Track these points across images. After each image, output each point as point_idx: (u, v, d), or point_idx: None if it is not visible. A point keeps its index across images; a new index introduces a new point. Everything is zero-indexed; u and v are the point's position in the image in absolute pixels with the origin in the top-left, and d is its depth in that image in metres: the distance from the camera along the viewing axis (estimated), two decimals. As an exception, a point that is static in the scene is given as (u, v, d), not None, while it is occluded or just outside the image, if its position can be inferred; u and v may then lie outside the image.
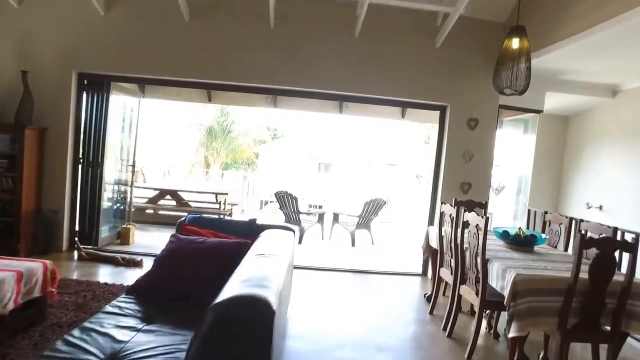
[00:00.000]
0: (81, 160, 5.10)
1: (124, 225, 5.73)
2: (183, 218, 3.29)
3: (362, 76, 5.09)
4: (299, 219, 6.97)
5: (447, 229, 3.78)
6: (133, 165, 5.98)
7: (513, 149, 6.54)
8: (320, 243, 7.25)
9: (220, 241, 2.76)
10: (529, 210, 5.93)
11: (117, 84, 5.29)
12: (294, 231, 3.40)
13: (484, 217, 3.06)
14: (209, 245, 2.69)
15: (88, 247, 5.08)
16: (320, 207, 10.35)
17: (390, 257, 6.63)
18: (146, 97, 6.34)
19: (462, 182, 5.28)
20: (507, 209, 6.55)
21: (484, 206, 4.72)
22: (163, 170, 14.36)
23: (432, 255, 4.47)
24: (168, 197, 7.44)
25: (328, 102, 6.12)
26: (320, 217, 7.32)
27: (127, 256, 4.78)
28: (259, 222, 3.35)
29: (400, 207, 12.91)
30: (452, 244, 3.59)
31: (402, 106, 6.10)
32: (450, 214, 3.70)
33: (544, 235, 3.66)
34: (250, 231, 3.10)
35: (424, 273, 5.48)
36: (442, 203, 4.32)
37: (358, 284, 5.05)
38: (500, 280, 2.78)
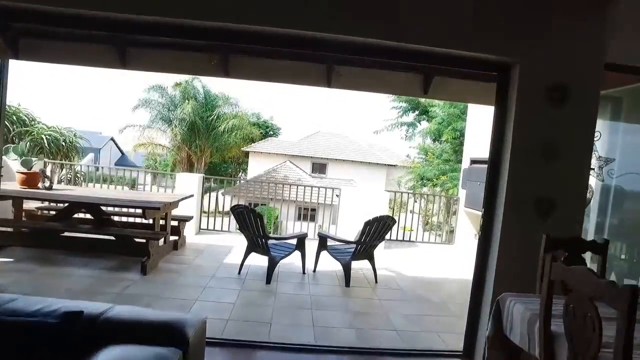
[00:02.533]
0: None
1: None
2: None
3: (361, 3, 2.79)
4: (266, 245, 4.66)
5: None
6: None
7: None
8: (298, 282, 4.94)
9: None
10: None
11: None
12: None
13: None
14: None
15: None
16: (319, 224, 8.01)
17: (410, 310, 4.33)
18: (22, 59, 4.01)
19: (538, 197, 2.98)
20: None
21: (600, 249, 2.44)
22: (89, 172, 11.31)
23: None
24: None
25: (308, 66, 3.85)
26: (301, 243, 5.00)
27: None
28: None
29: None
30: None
31: (427, 63, 3.68)
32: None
33: None
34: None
35: (468, 356, 3.19)
36: (549, 242, 2.04)
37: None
38: None
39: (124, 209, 5.78)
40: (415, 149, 17.91)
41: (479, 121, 7.84)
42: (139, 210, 5.12)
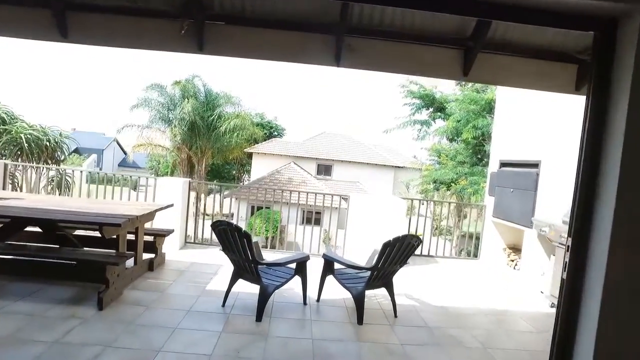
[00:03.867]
0: None
1: None
2: None
3: None
4: (256, 272, 3.63)
5: None
6: None
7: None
8: (298, 319, 3.91)
9: None
10: None
11: None
12: None
13: None
14: None
15: None
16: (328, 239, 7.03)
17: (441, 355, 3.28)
18: None
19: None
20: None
21: None
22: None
23: None
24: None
25: (309, 38, 2.83)
26: (301, 267, 3.97)
27: None
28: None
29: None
30: None
31: (480, 15, 2.61)
32: None
33: None
34: None
35: None
36: None
37: None
38: None
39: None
40: (427, 150, 16.87)
41: (510, 117, 6.76)
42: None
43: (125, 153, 46.78)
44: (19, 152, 9.87)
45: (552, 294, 4.73)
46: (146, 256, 4.79)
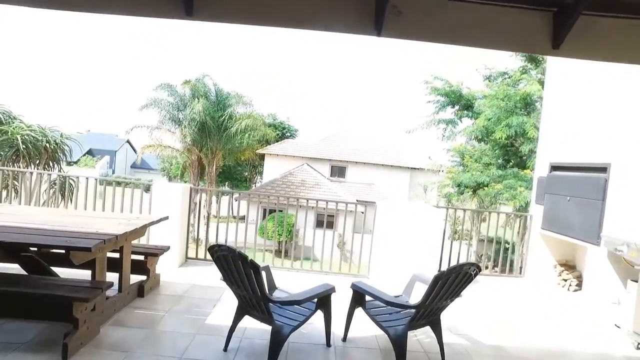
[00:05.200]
0: None
1: None
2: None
3: None
4: (267, 310, 2.78)
5: None
6: None
7: None
8: (321, 363, 3.05)
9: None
10: None
11: None
12: None
13: None
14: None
15: None
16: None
17: None
18: None
19: None
20: None
21: None
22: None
23: None
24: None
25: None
26: (324, 302, 3.11)
27: None
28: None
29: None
30: None
31: None
32: None
33: None
34: None
35: None
36: None
37: None
38: None
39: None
40: (449, 150, 15.88)
41: (565, 112, 5.79)
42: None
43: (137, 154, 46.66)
44: (15, 155, 9.24)
45: (636, 331, 3.79)
46: (136, 278, 3.99)
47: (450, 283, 2.86)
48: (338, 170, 28.33)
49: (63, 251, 2.94)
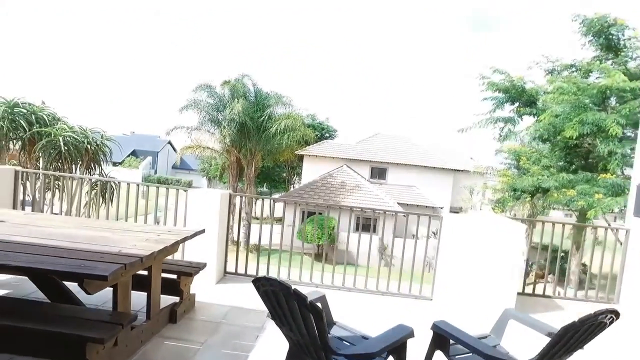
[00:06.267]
0: None
1: None
2: None
3: None
4: (329, 362, 2.11)
5: None
6: None
7: None
8: None
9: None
10: None
11: None
12: None
13: None
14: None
15: None
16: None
17: None
18: None
19: None
20: None
21: None
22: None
23: None
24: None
25: None
26: (399, 350, 2.40)
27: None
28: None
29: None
30: None
31: None
32: None
33: None
34: None
35: None
36: None
37: None
38: None
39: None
40: (503, 152, 14.69)
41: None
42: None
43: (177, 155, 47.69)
44: (58, 157, 9.14)
45: None
46: (168, 299, 3.45)
47: (579, 335, 2.07)
48: (378, 172, 27.41)
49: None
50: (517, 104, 10.60)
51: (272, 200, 5.42)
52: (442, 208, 25.59)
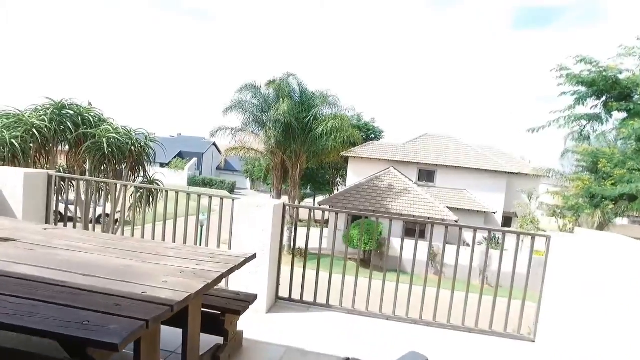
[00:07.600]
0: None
1: None
2: None
3: None
4: None
5: None
6: None
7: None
8: None
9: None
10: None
11: None
12: None
13: None
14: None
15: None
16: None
17: None
18: None
19: None
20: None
21: None
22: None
23: None
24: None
25: None
26: None
27: None
28: None
29: None
30: None
31: None
32: None
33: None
34: None
35: None
36: None
37: None
38: None
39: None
40: (574, 152, 13.14)
41: None
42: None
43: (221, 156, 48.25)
44: (102, 158, 8.85)
45: None
46: (208, 339, 2.72)
47: None
48: (426, 175, 26.02)
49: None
50: (604, 98, 9.13)
51: (335, 212, 4.59)
52: (494, 213, 23.88)
